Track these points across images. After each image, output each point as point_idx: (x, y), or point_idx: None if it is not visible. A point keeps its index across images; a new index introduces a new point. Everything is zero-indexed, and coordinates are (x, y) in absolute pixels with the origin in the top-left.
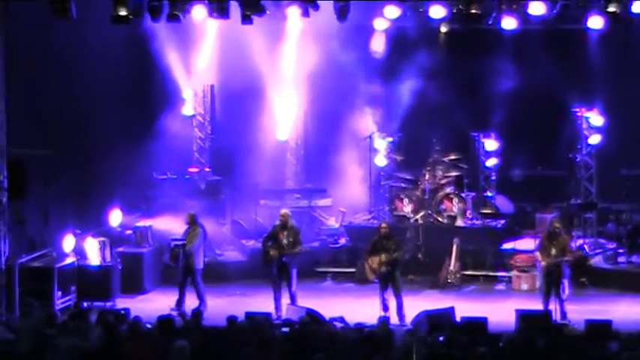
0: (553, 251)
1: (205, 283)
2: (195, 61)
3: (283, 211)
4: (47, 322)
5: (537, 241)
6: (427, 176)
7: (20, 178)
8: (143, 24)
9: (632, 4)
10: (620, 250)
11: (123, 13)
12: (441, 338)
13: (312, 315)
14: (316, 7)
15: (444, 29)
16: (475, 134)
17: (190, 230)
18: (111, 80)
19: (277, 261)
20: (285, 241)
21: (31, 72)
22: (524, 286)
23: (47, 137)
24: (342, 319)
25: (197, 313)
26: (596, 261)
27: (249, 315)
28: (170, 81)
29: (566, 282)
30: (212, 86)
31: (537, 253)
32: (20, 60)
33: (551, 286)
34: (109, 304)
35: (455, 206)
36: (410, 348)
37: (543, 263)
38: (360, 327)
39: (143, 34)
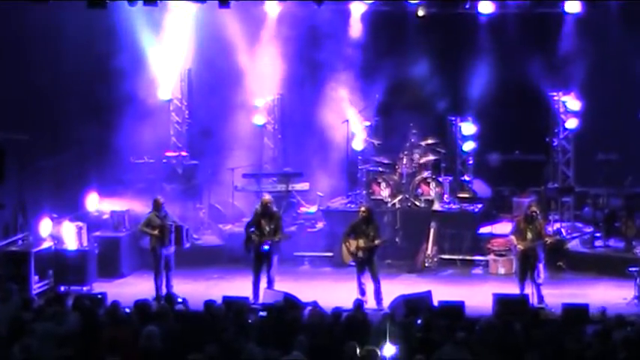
0: (529, 235)
1: (183, 267)
2: (173, 46)
3: (265, 197)
4: (24, 307)
5: (512, 225)
6: (404, 160)
7: None
8: (120, 7)
9: None
10: (597, 234)
11: None
12: (419, 322)
13: (289, 299)
14: None
15: (421, 13)
16: (452, 118)
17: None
18: (87, 64)
19: (259, 248)
20: (267, 228)
21: (6, 54)
22: (502, 270)
23: (23, 121)
24: (315, 303)
25: (171, 297)
26: (573, 245)
27: (227, 299)
28: (148, 65)
29: (541, 266)
30: (189, 70)
31: (512, 237)
32: None
33: (526, 270)
34: (85, 288)
35: (432, 190)
36: (386, 332)
37: (520, 247)
38: (336, 311)
39: (120, 16)
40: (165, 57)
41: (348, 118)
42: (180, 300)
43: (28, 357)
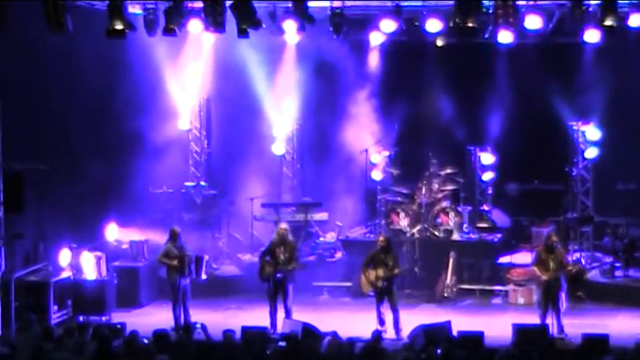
0: (551, 265)
1: (201, 297)
2: (192, 75)
3: (282, 225)
4: (43, 337)
5: (534, 255)
6: (423, 190)
7: (17, 192)
8: (139, 38)
9: (628, 18)
10: (617, 264)
11: (119, 27)
12: (438, 352)
13: (308, 329)
14: (312, 22)
15: (440, 43)
16: (471, 148)
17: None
18: (106, 93)
19: (273, 277)
20: (281, 257)
21: (27, 85)
22: (521, 300)
23: (42, 151)
24: (334, 334)
25: (189, 327)
26: (593, 275)
27: (246, 329)
28: (166, 95)
29: (563, 295)
30: (208, 100)
31: (535, 268)
32: (15, 73)
33: (548, 299)
34: (104, 318)
35: (451, 220)
36: None
37: (543, 277)
38: (354, 341)
39: (138, 48)
40: (184, 87)
41: (366, 148)
42: (198, 326)
43: None
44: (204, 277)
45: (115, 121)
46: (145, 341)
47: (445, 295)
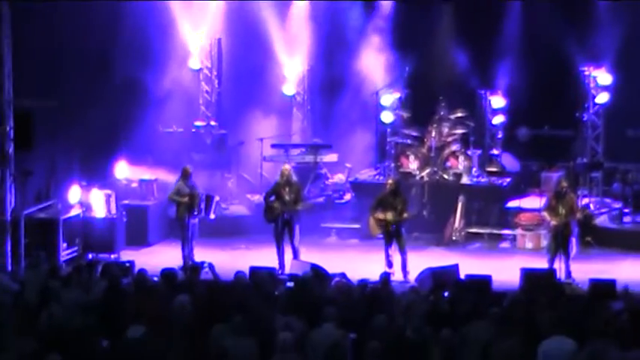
0: (561, 210)
1: (210, 237)
2: (204, 15)
3: (285, 167)
4: (51, 274)
5: (544, 200)
6: (433, 133)
7: (27, 129)
8: None
9: None
10: (626, 210)
11: None
12: (446, 295)
13: (317, 270)
14: None
15: None
16: (482, 91)
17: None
18: (119, 32)
19: (280, 217)
20: (287, 197)
21: (37, 22)
22: (529, 245)
23: (54, 89)
24: (343, 275)
25: (196, 267)
26: (602, 220)
27: (254, 270)
28: (177, 34)
29: (574, 240)
30: (219, 40)
31: (545, 213)
32: (26, 11)
33: (558, 244)
34: (113, 256)
35: (460, 164)
36: (412, 305)
37: (553, 222)
38: (362, 283)
39: None
40: (196, 27)
41: (377, 91)
42: (205, 266)
43: (55, 324)
44: (212, 216)
45: (126, 60)
46: (154, 280)
47: (453, 238)
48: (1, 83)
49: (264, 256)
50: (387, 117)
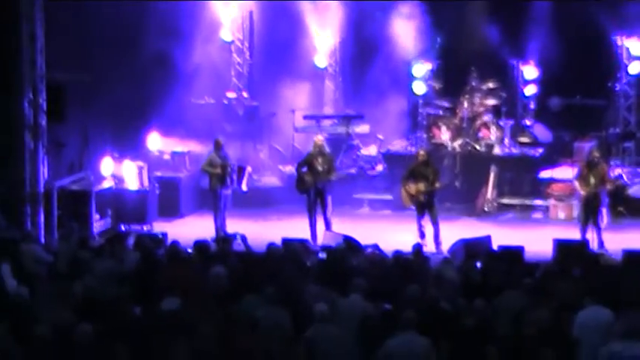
0: (592, 180)
1: (242, 208)
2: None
3: (317, 137)
4: (81, 245)
5: (575, 170)
6: (465, 104)
7: (59, 101)
8: None
9: None
10: None
11: None
12: (478, 266)
13: (349, 241)
14: None
15: None
16: (514, 62)
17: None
18: (150, 6)
19: (313, 187)
20: (320, 168)
21: None
22: (561, 215)
23: (86, 63)
24: (376, 246)
25: (227, 238)
26: (634, 190)
27: (286, 241)
28: (209, 6)
29: (604, 210)
30: (251, 12)
31: (576, 182)
32: None
33: (589, 214)
34: (146, 227)
35: (493, 134)
36: (445, 276)
37: (583, 192)
38: (395, 254)
39: None
40: None
41: (409, 61)
42: (238, 237)
43: (88, 295)
44: (244, 188)
45: (157, 33)
46: (187, 251)
47: (486, 209)
48: (34, 58)
49: (297, 228)
50: (418, 88)
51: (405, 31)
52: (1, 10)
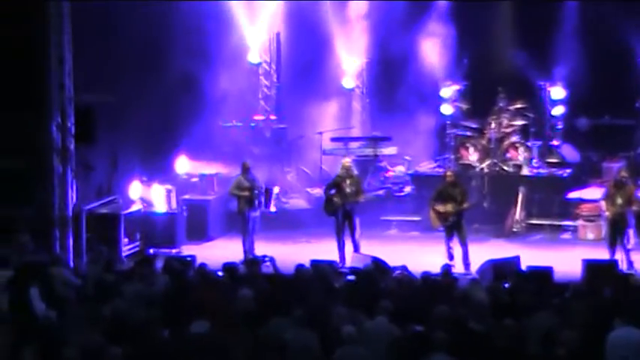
0: (619, 200)
1: (271, 230)
2: (262, 9)
3: (345, 160)
4: (106, 269)
5: (603, 190)
6: (493, 125)
7: (88, 124)
8: None
9: None
10: None
11: None
12: (507, 286)
13: (378, 263)
14: None
15: None
16: (541, 82)
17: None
18: (178, 27)
19: (341, 209)
20: (348, 190)
21: (96, 21)
22: (590, 236)
23: (115, 84)
24: (404, 268)
25: (256, 260)
26: None
27: (315, 263)
28: (237, 29)
29: (631, 231)
30: (278, 34)
31: (602, 202)
32: (85, 9)
33: (616, 235)
34: (174, 250)
35: (521, 155)
36: (474, 296)
37: (608, 213)
38: (424, 275)
39: None
40: (255, 20)
41: (436, 83)
42: (266, 259)
43: (118, 318)
44: (273, 209)
45: (186, 54)
46: (216, 274)
47: (514, 229)
48: (62, 81)
49: (325, 250)
50: (446, 109)
51: (432, 52)
52: (29, 32)
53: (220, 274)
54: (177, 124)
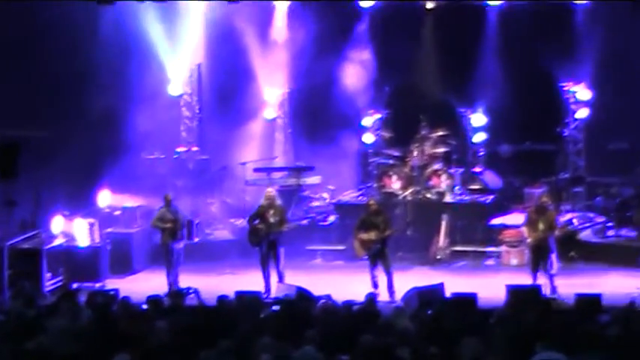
0: (541, 226)
1: (195, 262)
2: (183, 41)
3: (269, 190)
4: (27, 304)
5: (525, 216)
6: (415, 152)
7: (12, 158)
8: (130, 4)
9: None
10: (609, 224)
11: None
12: (430, 313)
13: (302, 293)
14: None
15: (429, 6)
16: (463, 110)
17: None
18: (99, 60)
19: (265, 239)
20: (272, 220)
21: (20, 52)
22: (514, 261)
23: (39, 119)
24: (329, 297)
25: (180, 293)
26: (585, 235)
27: (240, 294)
28: (157, 61)
29: (553, 257)
30: (199, 65)
31: (524, 229)
32: (10, 43)
33: (539, 260)
34: (98, 284)
35: (443, 182)
36: (399, 324)
37: (530, 238)
38: (348, 304)
39: (130, 14)
40: (176, 52)
41: (358, 112)
42: (191, 291)
43: (42, 353)
44: (196, 239)
45: (107, 88)
46: (140, 307)
47: (438, 257)
48: None
49: (250, 280)
50: (368, 138)
51: (353, 80)
52: None
53: (145, 306)
54: (99, 158)
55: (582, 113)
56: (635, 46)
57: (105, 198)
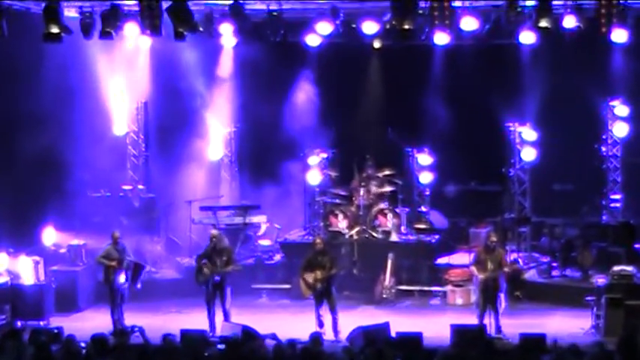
0: (490, 265)
1: (140, 300)
2: (128, 79)
3: (214, 232)
4: None
5: (473, 255)
6: (361, 192)
7: None
8: (75, 42)
9: (563, 19)
10: (554, 264)
11: (55, 30)
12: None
13: (248, 332)
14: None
15: (377, 45)
16: (409, 149)
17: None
18: (44, 97)
19: (211, 279)
20: (218, 261)
21: None
22: (459, 301)
23: None
24: (274, 336)
25: (125, 331)
26: (530, 275)
27: (185, 333)
28: (103, 99)
29: (502, 295)
30: (145, 103)
31: (473, 268)
32: None
33: (487, 299)
34: (43, 323)
35: (389, 221)
36: None
37: (481, 277)
38: (293, 343)
39: (75, 52)
40: (121, 90)
41: (304, 151)
42: (136, 330)
43: None
44: (139, 286)
45: (52, 125)
46: (83, 345)
47: (384, 296)
48: None
49: (196, 319)
50: (314, 177)
51: (300, 119)
52: None
53: (89, 345)
54: (44, 196)
55: (527, 154)
56: (579, 87)
57: (50, 236)
